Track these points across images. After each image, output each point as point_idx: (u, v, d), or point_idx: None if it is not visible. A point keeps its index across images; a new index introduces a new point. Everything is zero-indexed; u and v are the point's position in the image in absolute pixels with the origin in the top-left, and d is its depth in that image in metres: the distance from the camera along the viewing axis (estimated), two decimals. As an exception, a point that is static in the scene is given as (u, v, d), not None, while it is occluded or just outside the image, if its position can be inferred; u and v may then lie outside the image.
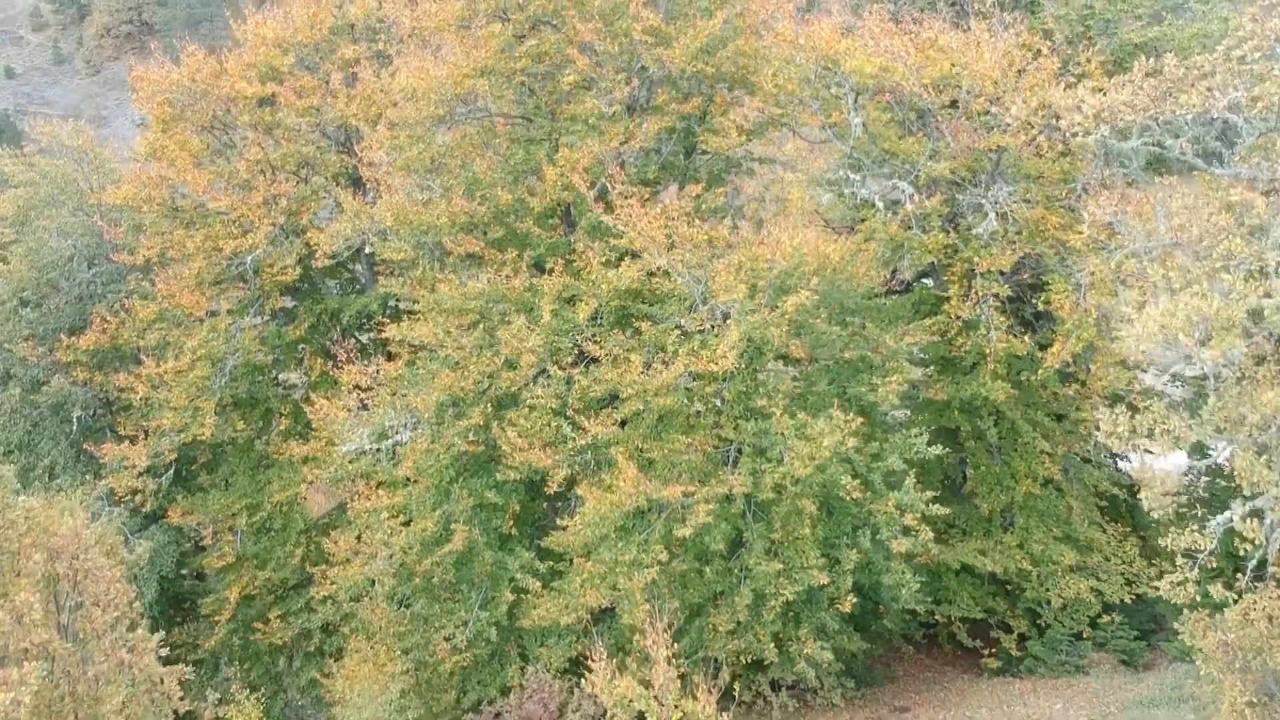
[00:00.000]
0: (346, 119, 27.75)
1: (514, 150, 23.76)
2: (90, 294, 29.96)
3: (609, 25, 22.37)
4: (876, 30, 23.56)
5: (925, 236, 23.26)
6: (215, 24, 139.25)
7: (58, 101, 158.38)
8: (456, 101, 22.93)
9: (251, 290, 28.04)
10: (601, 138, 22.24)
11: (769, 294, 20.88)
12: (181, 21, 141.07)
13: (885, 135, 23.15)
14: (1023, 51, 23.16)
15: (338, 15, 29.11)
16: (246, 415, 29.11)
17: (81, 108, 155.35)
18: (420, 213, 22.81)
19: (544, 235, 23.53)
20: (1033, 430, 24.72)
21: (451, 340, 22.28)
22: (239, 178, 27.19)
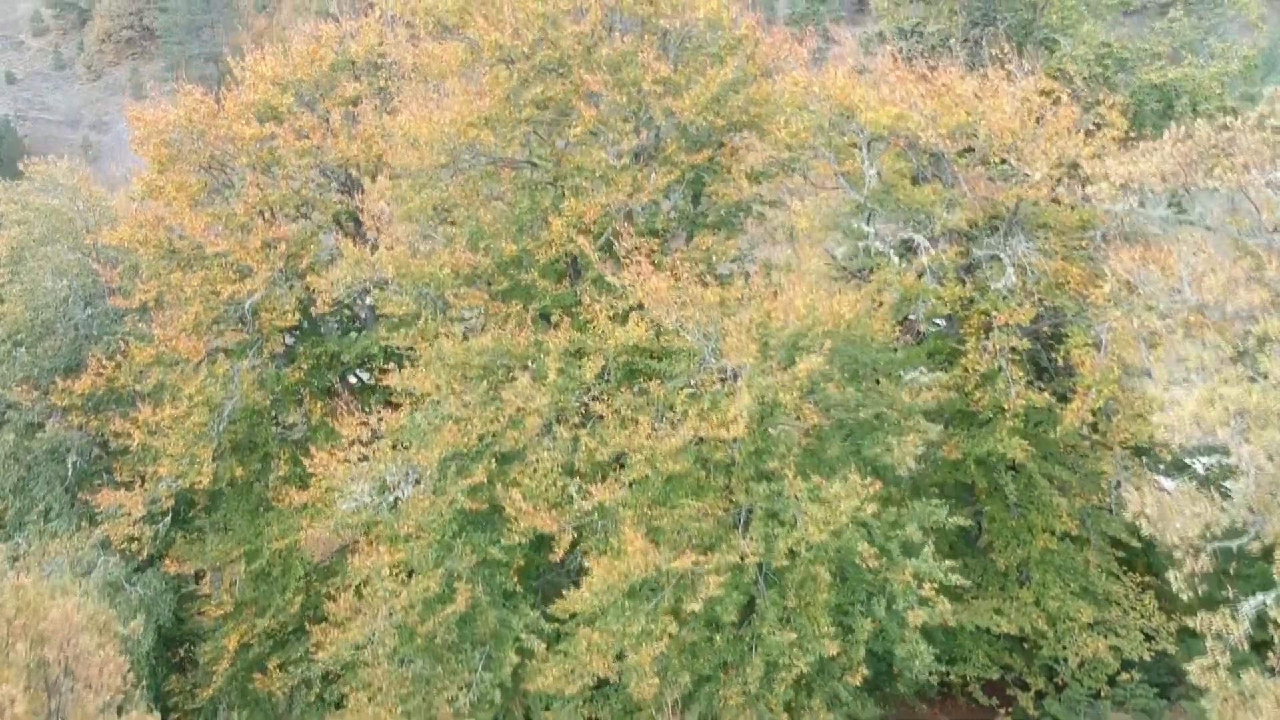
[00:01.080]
0: (348, 159, 27.14)
1: (519, 198, 23.15)
2: (86, 335, 29.39)
3: (616, 74, 21.76)
4: (891, 77, 22.92)
5: (940, 288, 22.65)
6: (216, 30, 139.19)
7: (58, 106, 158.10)
8: (460, 149, 22.29)
9: (250, 333, 27.43)
10: (609, 188, 21.64)
11: (781, 353, 20.28)
12: (183, 27, 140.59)
13: (900, 184, 22.53)
14: (1041, 98, 22.54)
15: (338, 51, 28.47)
16: (245, 460, 28.53)
17: (82, 113, 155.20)
18: (422, 265, 22.21)
19: (549, 287, 22.91)
20: (1050, 484, 24.12)
21: (455, 397, 21.69)
22: (237, 220, 26.57)
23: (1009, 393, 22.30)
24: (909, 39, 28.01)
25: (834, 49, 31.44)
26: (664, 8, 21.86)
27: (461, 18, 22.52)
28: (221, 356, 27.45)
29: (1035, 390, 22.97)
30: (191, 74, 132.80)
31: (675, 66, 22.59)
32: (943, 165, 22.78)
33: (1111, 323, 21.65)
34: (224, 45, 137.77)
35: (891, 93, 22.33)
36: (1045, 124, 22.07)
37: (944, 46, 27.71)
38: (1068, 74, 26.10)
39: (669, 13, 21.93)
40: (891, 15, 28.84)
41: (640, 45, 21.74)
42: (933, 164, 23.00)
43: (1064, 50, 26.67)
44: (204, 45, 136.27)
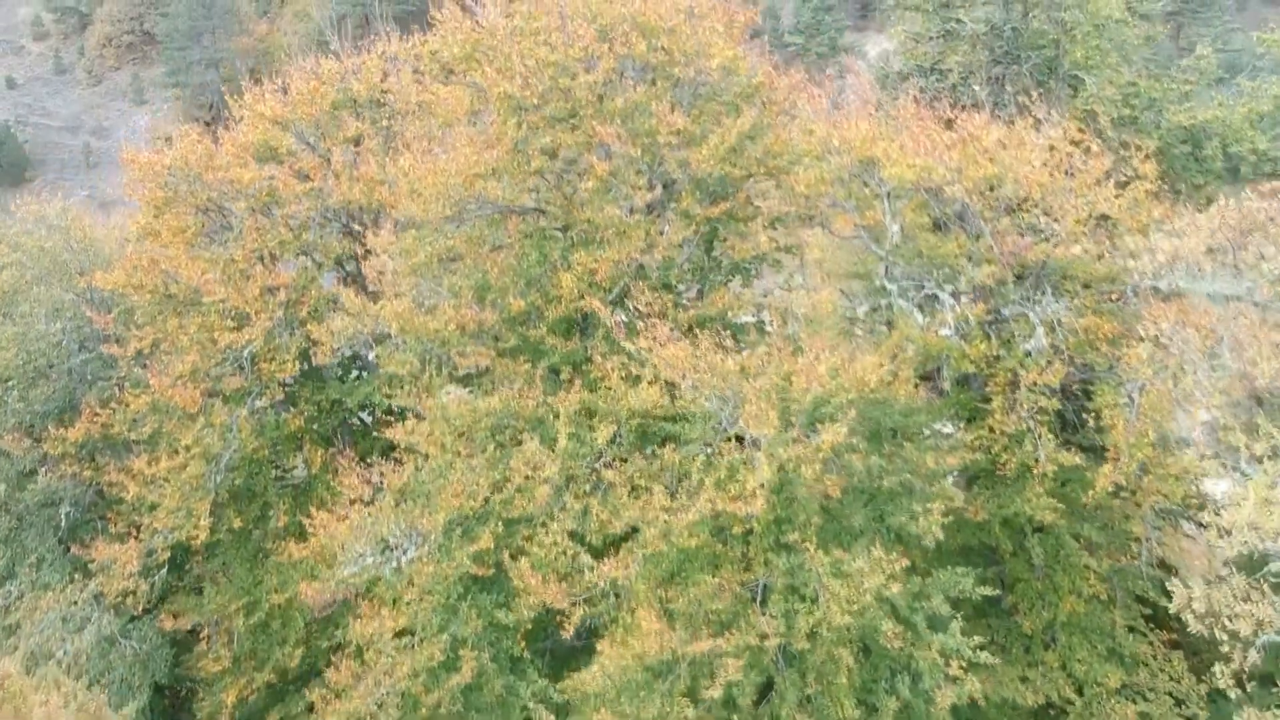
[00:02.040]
0: (350, 201, 26.29)
1: (527, 250, 22.27)
2: (81, 379, 28.55)
3: (628, 124, 20.90)
4: (914, 126, 22.04)
5: (966, 345, 21.77)
6: (217, 36, 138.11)
7: (58, 112, 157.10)
8: (467, 200, 21.44)
9: (248, 380, 26.57)
10: (621, 241, 20.78)
11: (802, 419, 19.43)
12: (183, 33, 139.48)
13: (923, 237, 21.67)
14: (1070, 148, 21.67)
15: (340, 89, 27.61)
16: (243, 509, 27.71)
17: (83, 118, 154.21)
18: (426, 321, 21.35)
19: (559, 344, 22.05)
20: (1078, 544, 23.26)
21: (461, 461, 20.85)
22: (235, 266, 25.71)
23: (1038, 455, 21.43)
24: (929, 77, 27.13)
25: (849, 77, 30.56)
26: (678, 56, 20.99)
27: (468, 64, 21.66)
28: (219, 404, 26.62)
29: (1065, 450, 22.09)
30: (192, 79, 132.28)
31: (689, 114, 21.75)
32: (967, 215, 21.91)
33: (1144, 381, 20.82)
34: (224, 51, 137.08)
35: (915, 144, 21.44)
36: (1075, 176, 21.20)
37: (965, 85, 26.84)
38: (1094, 115, 25.23)
39: (683, 61, 21.06)
40: (911, 53, 27.94)
41: (653, 93, 20.88)
42: (957, 214, 22.13)
43: (1090, 90, 25.79)
44: (205, 51, 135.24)
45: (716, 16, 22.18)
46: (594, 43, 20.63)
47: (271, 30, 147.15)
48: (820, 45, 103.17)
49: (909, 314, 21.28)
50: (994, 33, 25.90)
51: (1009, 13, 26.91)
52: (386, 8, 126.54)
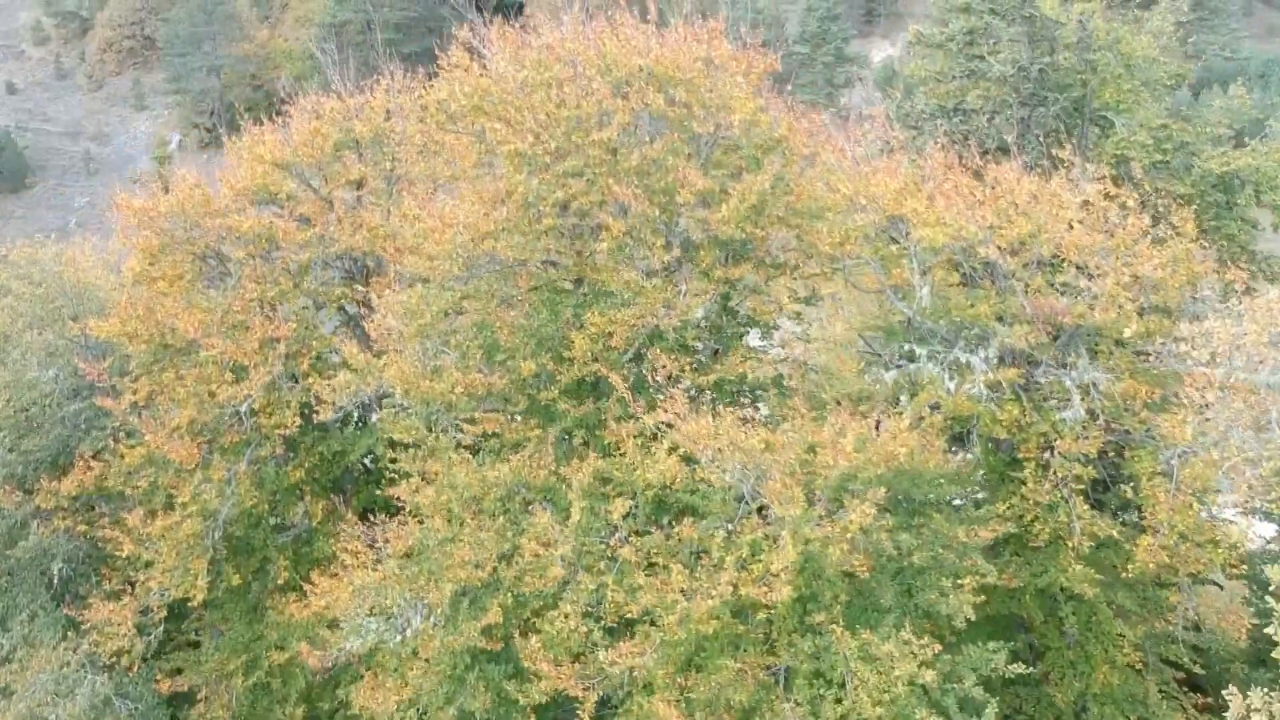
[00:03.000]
0: (352, 248, 25.37)
1: (538, 309, 21.32)
2: (74, 428, 27.60)
3: (644, 180, 19.94)
4: (943, 180, 21.07)
5: (996, 409, 20.81)
6: (218, 42, 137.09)
7: (59, 117, 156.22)
8: (476, 259, 20.49)
9: (247, 432, 25.63)
10: (637, 303, 19.82)
11: (827, 494, 18.50)
12: (184, 39, 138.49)
13: (954, 298, 20.69)
14: (1106, 203, 20.69)
15: (342, 129, 26.63)
16: (242, 565, 26.80)
17: (83, 124, 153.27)
18: (432, 385, 20.41)
19: (571, 408, 21.08)
20: (1112, 612, 22.30)
21: (469, 534, 19.90)
22: (233, 316, 24.76)
23: (1073, 526, 20.47)
24: (951, 117, 26.14)
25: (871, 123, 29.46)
26: (697, 110, 20.03)
27: (476, 115, 20.71)
28: (217, 457, 25.70)
29: (1100, 516, 21.14)
30: (193, 86, 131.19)
31: (707, 166, 20.81)
32: (999, 274, 20.94)
33: (1185, 449, 19.87)
34: (225, 58, 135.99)
35: (944, 199, 20.48)
36: (1113, 234, 20.23)
37: (990, 125, 25.85)
38: (1126, 160, 24.26)
39: (702, 115, 20.09)
40: (933, 92, 26.96)
41: (669, 147, 19.92)
42: (987, 271, 21.16)
43: (1121, 134, 24.81)
44: (205, 58, 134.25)
45: (736, 65, 21.21)
46: (609, 97, 19.67)
47: (273, 36, 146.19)
48: (826, 54, 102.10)
49: (939, 379, 20.31)
50: (1020, 74, 24.91)
51: (1034, 51, 25.92)
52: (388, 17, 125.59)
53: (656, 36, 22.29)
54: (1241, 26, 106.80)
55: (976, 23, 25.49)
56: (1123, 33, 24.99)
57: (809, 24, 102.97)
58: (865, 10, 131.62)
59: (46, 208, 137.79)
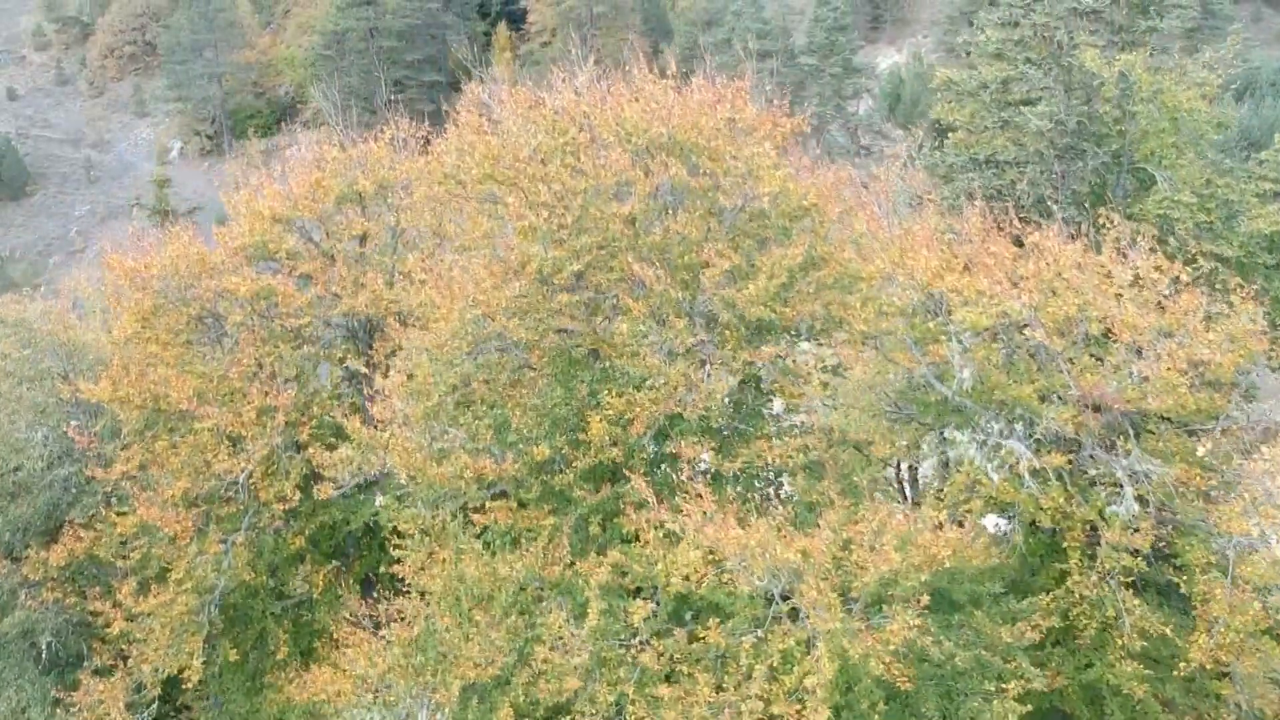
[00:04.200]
0: (354, 309, 24.15)
1: (551, 387, 20.06)
2: (65, 491, 26.36)
3: (664, 255, 18.69)
4: (981, 249, 19.81)
5: (1040, 496, 19.52)
6: (219, 49, 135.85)
7: (60, 124, 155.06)
8: (486, 337, 19.26)
9: (244, 502, 24.41)
10: (659, 385, 18.57)
11: (865, 597, 17.27)
12: (185, 46, 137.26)
13: (995, 378, 19.40)
14: (1157, 274, 19.41)
15: (344, 181, 25.38)
16: (239, 638, 25.59)
17: (84, 131, 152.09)
18: (440, 472, 19.17)
19: (587, 495, 19.83)
20: (1161, 708, 21.00)
21: (479, 634, 18.67)
22: (230, 384, 23.53)
23: (1122, 622, 19.20)
24: (984, 169, 24.85)
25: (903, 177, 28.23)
26: (722, 181, 18.76)
27: (487, 184, 19.46)
28: (213, 527, 24.48)
29: (1150, 609, 19.85)
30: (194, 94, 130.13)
31: (734, 241, 19.54)
32: (1042, 350, 19.65)
33: (1242, 540, 18.61)
34: (227, 65, 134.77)
35: (984, 269, 19.21)
36: (1166, 311, 18.95)
37: (1023, 176, 24.57)
38: (1170, 221, 23.00)
39: (728, 186, 18.83)
40: (964, 141, 25.68)
41: (692, 220, 18.66)
42: (1031, 350, 19.87)
43: (1163, 190, 23.53)
44: (207, 65, 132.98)
45: (761, 127, 19.95)
46: (628, 168, 18.42)
47: (274, 43, 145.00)
48: (834, 65, 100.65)
49: (981, 467, 19.04)
50: (1057, 126, 23.63)
51: (1070, 98, 24.67)
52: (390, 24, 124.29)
53: (676, 95, 21.07)
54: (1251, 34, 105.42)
55: (1011, 72, 24.19)
56: (1166, 83, 23.70)
57: (816, 35, 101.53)
58: (870, 17, 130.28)
59: (47, 216, 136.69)
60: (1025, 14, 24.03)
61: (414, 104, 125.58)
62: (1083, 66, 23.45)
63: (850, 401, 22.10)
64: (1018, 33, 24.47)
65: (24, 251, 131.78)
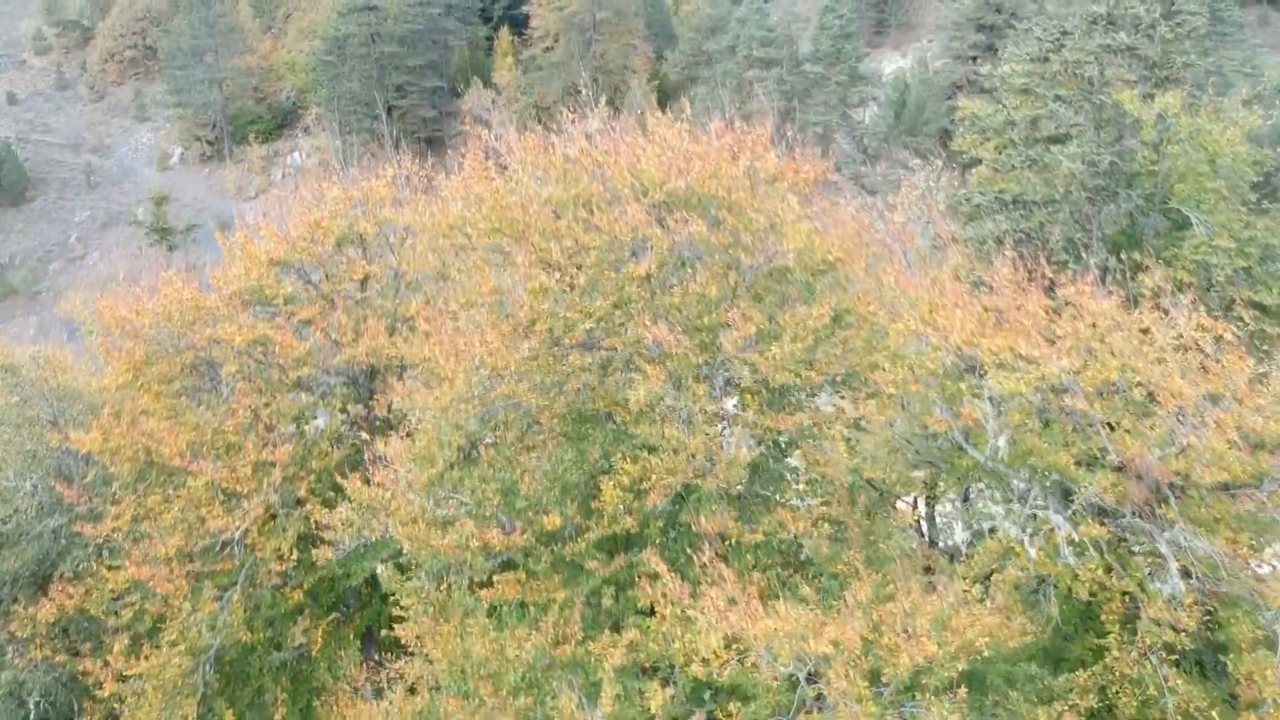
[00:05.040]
0: (355, 358, 23.15)
1: (562, 449, 19.06)
2: (55, 541, 25.38)
3: (682, 314, 17.68)
4: (1014, 303, 18.79)
5: (1078, 567, 18.51)
6: (220, 55, 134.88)
7: (60, 129, 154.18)
8: (492, 403, 18.26)
9: (242, 557, 23.43)
10: (675, 455, 17.57)
11: (896, 684, 16.25)
12: (185, 51, 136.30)
13: (1030, 443, 18.39)
14: (1199, 334, 18.41)
15: (346, 219, 24.39)
16: (235, 697, 24.61)
17: (84, 136, 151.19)
18: (444, 543, 18.16)
19: (599, 566, 18.82)
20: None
21: (485, 715, 17.67)
22: (224, 438, 22.54)
23: (1165, 703, 18.18)
24: (1010, 210, 23.82)
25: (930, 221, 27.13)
26: (744, 237, 17.75)
27: (495, 239, 18.46)
28: (208, 584, 23.49)
29: (1191, 683, 18.84)
30: (195, 99, 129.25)
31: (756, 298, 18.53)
32: (1078, 419, 18.63)
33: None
34: (227, 70, 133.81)
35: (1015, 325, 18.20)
36: (1209, 371, 17.95)
37: (1053, 217, 23.54)
38: (1207, 267, 21.99)
39: (749, 242, 17.82)
40: (990, 182, 24.66)
41: (711, 277, 17.65)
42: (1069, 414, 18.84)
43: (1200, 235, 22.52)
44: (207, 70, 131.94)
45: (785, 177, 18.94)
46: (645, 223, 17.42)
47: (275, 47, 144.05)
48: (840, 74, 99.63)
49: (1019, 544, 18.03)
50: (1089, 168, 22.62)
51: (1101, 134, 23.66)
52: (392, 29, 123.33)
53: (693, 140, 20.06)
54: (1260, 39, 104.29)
55: (1040, 110, 23.17)
56: (1205, 124, 22.68)
57: (822, 42, 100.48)
58: (875, 21, 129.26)
59: (47, 222, 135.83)
60: (1056, 49, 22.98)
61: (415, 109, 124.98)
62: (1116, 104, 22.43)
63: (872, 453, 21.15)
64: (1047, 68, 23.43)
65: (24, 258, 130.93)
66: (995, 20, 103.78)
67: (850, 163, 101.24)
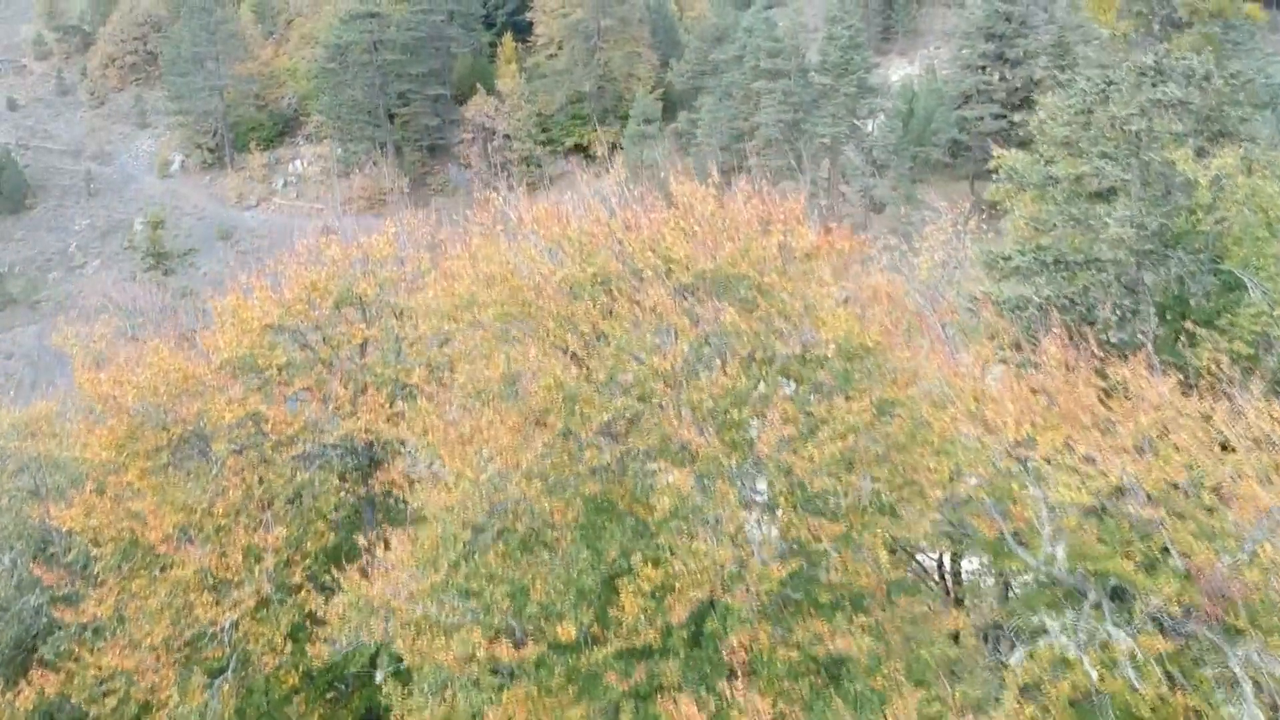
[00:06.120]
0: (353, 433, 21.69)
1: (577, 549, 17.55)
2: (36, 620, 23.94)
3: (708, 406, 16.18)
4: (1065, 390, 17.29)
5: (1137, 681, 17.00)
6: (221, 62, 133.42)
7: (60, 135, 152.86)
8: (502, 503, 16.78)
9: (233, 644, 21.95)
10: (703, 568, 16.08)
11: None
12: (186, 59, 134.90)
13: (1088, 546, 16.89)
14: (1272, 426, 16.91)
15: (343, 284, 22.90)
16: (227, 789, 23.13)
17: (85, 142, 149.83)
18: (449, 659, 16.67)
19: (618, 675, 17.31)
20: None
21: None
22: (214, 520, 21.06)
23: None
24: (1052, 272, 22.31)
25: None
26: (778, 324, 16.24)
27: (506, 322, 16.98)
28: (197, 670, 22.03)
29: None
30: (195, 107, 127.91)
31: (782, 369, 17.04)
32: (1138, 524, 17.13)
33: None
34: (229, 78, 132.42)
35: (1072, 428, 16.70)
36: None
37: (1097, 284, 22.03)
38: (1268, 338, 20.49)
39: (784, 328, 16.31)
40: (1027, 240, 23.16)
41: (741, 372, 16.15)
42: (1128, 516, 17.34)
43: (1259, 303, 21.01)
44: (208, 77, 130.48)
45: (821, 253, 17.43)
46: (672, 313, 15.92)
47: (277, 54, 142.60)
48: (849, 85, 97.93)
49: (1078, 661, 16.52)
50: (1139, 232, 21.11)
51: (1148, 193, 22.16)
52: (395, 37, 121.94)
53: (718, 204, 18.57)
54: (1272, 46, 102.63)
55: (1085, 167, 21.67)
56: (1261, 184, 21.18)
57: (830, 53, 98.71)
58: (882, 28, 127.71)
59: (47, 230, 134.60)
60: (1102, 101, 21.49)
61: (418, 117, 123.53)
62: (1168, 163, 20.95)
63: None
64: (1093, 119, 21.93)
65: (23, 267, 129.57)
66: (1005, 30, 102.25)
67: (859, 175, 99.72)
